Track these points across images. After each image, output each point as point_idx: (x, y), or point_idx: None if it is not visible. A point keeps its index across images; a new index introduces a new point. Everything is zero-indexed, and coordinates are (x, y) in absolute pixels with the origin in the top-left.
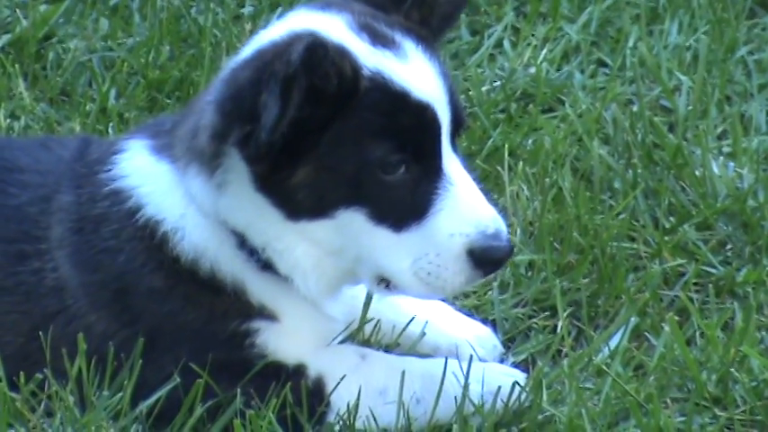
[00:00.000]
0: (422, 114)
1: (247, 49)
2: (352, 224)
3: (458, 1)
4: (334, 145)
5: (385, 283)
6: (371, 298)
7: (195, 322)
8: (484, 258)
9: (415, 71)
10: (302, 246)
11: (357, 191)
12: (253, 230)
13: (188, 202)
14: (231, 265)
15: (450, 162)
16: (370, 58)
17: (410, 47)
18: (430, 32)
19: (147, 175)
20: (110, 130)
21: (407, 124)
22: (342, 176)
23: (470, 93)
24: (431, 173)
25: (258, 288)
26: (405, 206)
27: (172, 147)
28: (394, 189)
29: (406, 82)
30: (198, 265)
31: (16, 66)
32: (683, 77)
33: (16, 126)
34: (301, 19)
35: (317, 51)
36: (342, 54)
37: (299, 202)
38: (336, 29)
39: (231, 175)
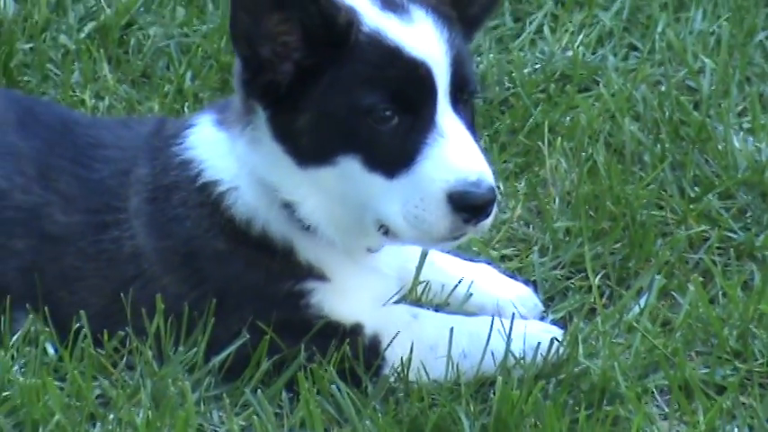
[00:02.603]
0: (414, 70)
1: None
2: (351, 171)
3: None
4: (328, 91)
5: (384, 229)
6: (424, 261)
7: (256, 283)
8: (462, 203)
9: (414, 33)
10: (317, 195)
11: (352, 138)
12: (279, 184)
13: (240, 166)
14: (280, 225)
15: (446, 117)
16: (374, 18)
17: (419, 14)
18: (460, 13)
19: (208, 145)
20: (185, 109)
21: (398, 77)
22: (337, 123)
23: (513, 74)
24: (423, 125)
25: (305, 248)
26: (395, 154)
27: (231, 118)
28: (385, 138)
29: (400, 40)
30: (250, 226)
31: (101, 51)
32: (706, 60)
33: (101, 106)
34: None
35: None
36: (339, 7)
37: (306, 148)
38: (371, 5)
39: (259, 132)
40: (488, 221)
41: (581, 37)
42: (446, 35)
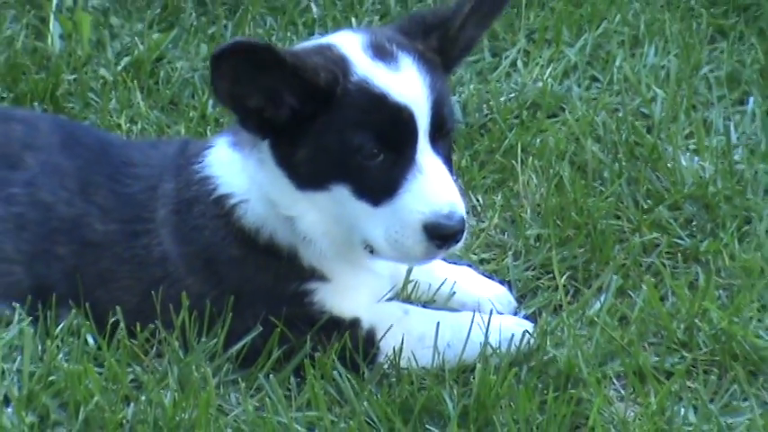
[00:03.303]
0: (398, 114)
1: None
2: (342, 197)
3: (471, 41)
4: (323, 132)
5: (370, 248)
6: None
7: (266, 284)
8: (435, 232)
9: (399, 80)
10: (312, 213)
11: (343, 170)
12: (280, 201)
13: (250, 182)
14: (284, 234)
15: (425, 155)
16: (364, 66)
17: (406, 62)
18: (445, 58)
19: (223, 164)
20: (208, 132)
21: (384, 121)
22: (330, 157)
23: (491, 102)
24: (404, 162)
25: (307, 253)
26: (380, 186)
27: (243, 140)
28: (372, 172)
29: (386, 87)
30: (259, 234)
31: (134, 81)
32: (658, 90)
33: (134, 129)
34: (339, 35)
35: (234, 52)
36: (318, 71)
37: (303, 175)
38: (351, 44)
39: (264, 154)
40: (459, 245)
41: (549, 70)
42: (429, 80)
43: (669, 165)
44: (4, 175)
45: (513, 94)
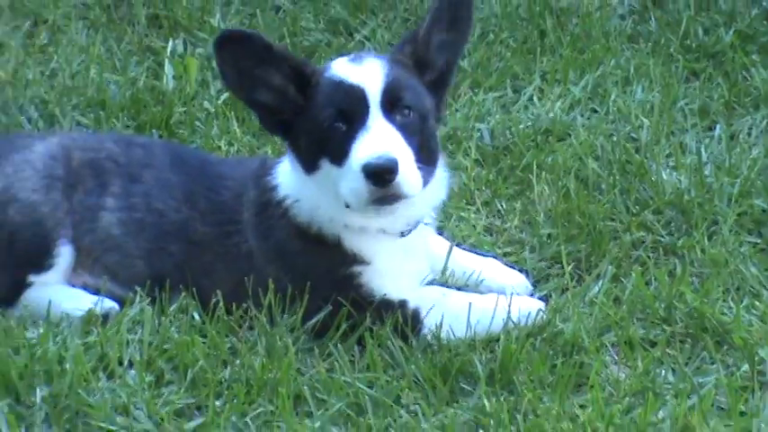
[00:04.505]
0: (351, 92)
1: None
2: (327, 168)
3: (452, 53)
4: (308, 116)
5: (346, 204)
6: (450, 255)
7: (322, 270)
8: (368, 170)
9: (358, 69)
10: (321, 196)
11: (323, 144)
12: (303, 192)
13: (300, 186)
14: (329, 225)
15: (376, 120)
16: (336, 67)
17: (371, 60)
18: (420, 60)
19: (286, 173)
20: None
21: (341, 99)
22: (314, 136)
23: (512, 129)
24: (358, 128)
25: (348, 239)
26: (343, 149)
27: None
28: (338, 139)
29: (345, 75)
30: (310, 227)
31: (232, 112)
32: (644, 119)
33: (232, 150)
34: (337, 60)
35: (227, 38)
36: (306, 62)
37: (305, 160)
38: (341, 60)
39: (293, 158)
40: (402, 184)
41: (558, 103)
42: (386, 70)
43: (653, 178)
44: (127, 188)
45: (530, 123)
